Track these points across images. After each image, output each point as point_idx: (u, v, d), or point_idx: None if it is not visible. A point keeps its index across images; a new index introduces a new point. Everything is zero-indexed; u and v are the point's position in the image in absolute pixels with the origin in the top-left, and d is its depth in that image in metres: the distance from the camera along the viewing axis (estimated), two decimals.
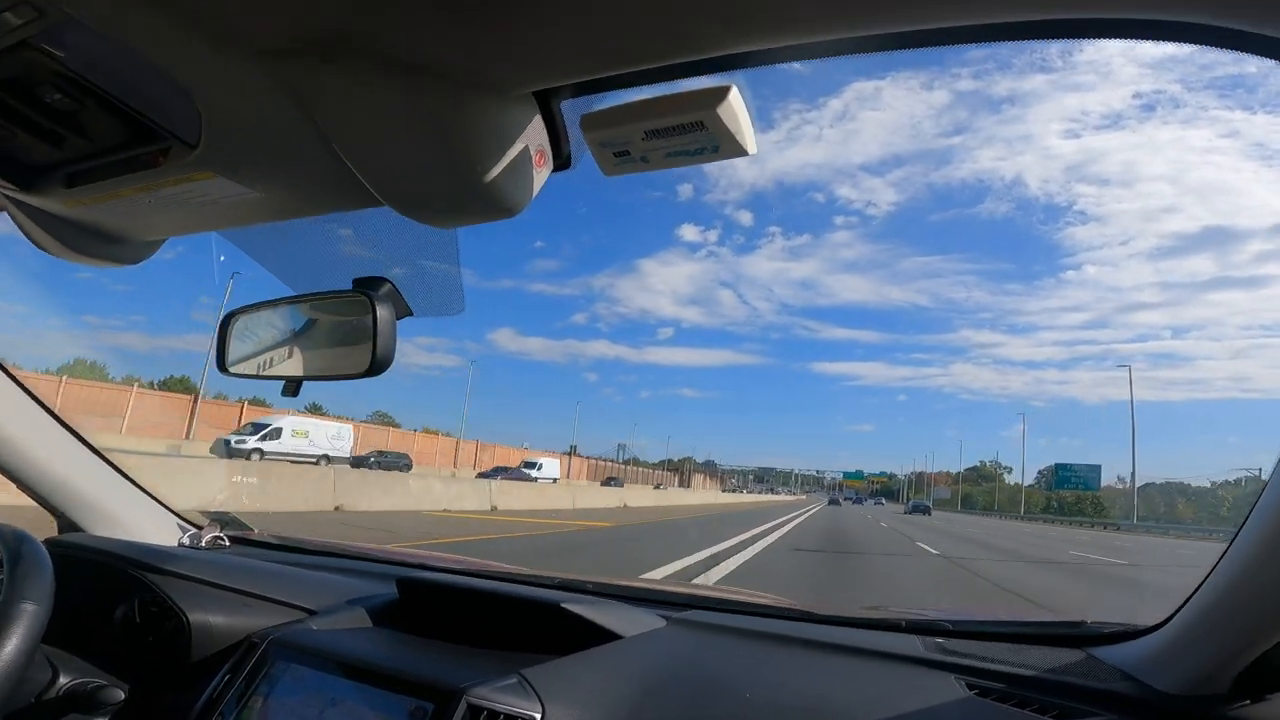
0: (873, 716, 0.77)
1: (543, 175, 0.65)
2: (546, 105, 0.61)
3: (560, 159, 0.65)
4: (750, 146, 0.57)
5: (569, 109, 0.62)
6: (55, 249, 0.86)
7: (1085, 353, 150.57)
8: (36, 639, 0.77)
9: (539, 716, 0.76)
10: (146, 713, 0.99)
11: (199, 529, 1.42)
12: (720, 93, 0.54)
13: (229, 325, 0.97)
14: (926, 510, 50.94)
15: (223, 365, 0.96)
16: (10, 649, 0.74)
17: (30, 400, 1.18)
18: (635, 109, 0.57)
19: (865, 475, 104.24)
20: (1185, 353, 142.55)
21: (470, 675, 0.80)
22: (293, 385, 0.88)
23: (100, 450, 1.31)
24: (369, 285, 0.81)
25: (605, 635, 0.93)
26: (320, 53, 0.54)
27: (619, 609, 1.02)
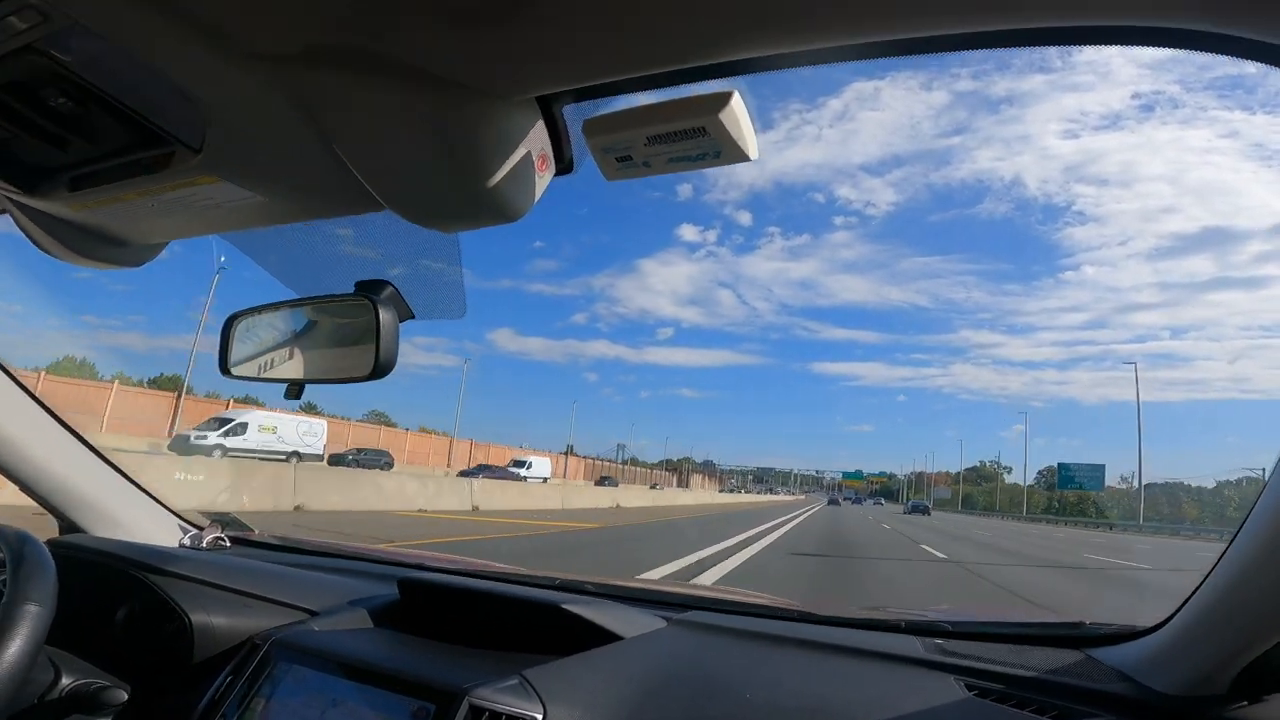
0: (873, 717, 0.77)
1: (545, 180, 0.65)
2: (549, 110, 0.61)
3: (563, 164, 0.66)
4: (752, 152, 0.57)
5: (571, 114, 0.62)
6: (58, 251, 0.86)
7: (1084, 353, 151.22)
8: (40, 640, 0.77)
9: (540, 717, 0.76)
10: (149, 714, 0.99)
11: (200, 530, 1.42)
12: (723, 98, 0.54)
13: (231, 327, 0.96)
14: (926, 510, 51.08)
15: (225, 367, 0.96)
16: (14, 650, 0.74)
17: (31, 401, 1.19)
18: (638, 114, 0.57)
19: (865, 475, 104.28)
20: (1184, 353, 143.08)
21: (471, 676, 0.80)
22: (295, 388, 0.88)
23: (101, 451, 1.31)
24: (371, 288, 0.82)
25: (606, 636, 0.94)
26: (324, 58, 0.54)
27: (619, 610, 1.02)
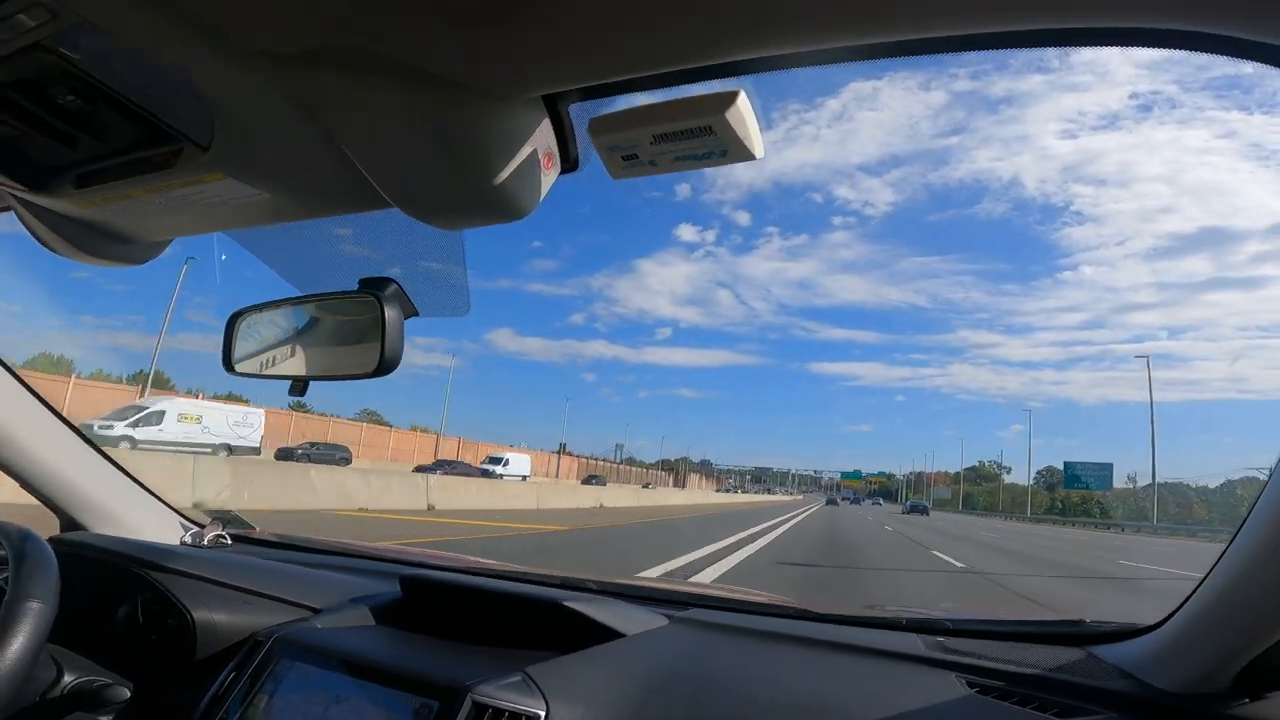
0: (874, 714, 0.78)
1: (550, 178, 0.65)
2: (554, 109, 0.61)
3: (568, 162, 0.66)
4: (758, 151, 0.57)
5: (577, 112, 0.62)
6: (62, 249, 0.86)
7: (1082, 353, 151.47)
8: (43, 637, 0.77)
9: (543, 714, 0.76)
10: (151, 711, 0.99)
11: (201, 528, 1.42)
12: (729, 97, 0.54)
13: (234, 325, 0.96)
14: (924, 510, 51.16)
15: (229, 365, 0.96)
16: (17, 647, 0.74)
17: (33, 399, 1.19)
18: (644, 113, 0.58)
19: (863, 475, 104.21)
20: (1182, 353, 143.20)
21: (474, 673, 0.80)
22: (299, 385, 0.88)
23: (103, 449, 1.31)
24: (375, 285, 0.82)
25: (607, 634, 0.94)
26: (331, 57, 0.54)
27: (621, 607, 1.02)
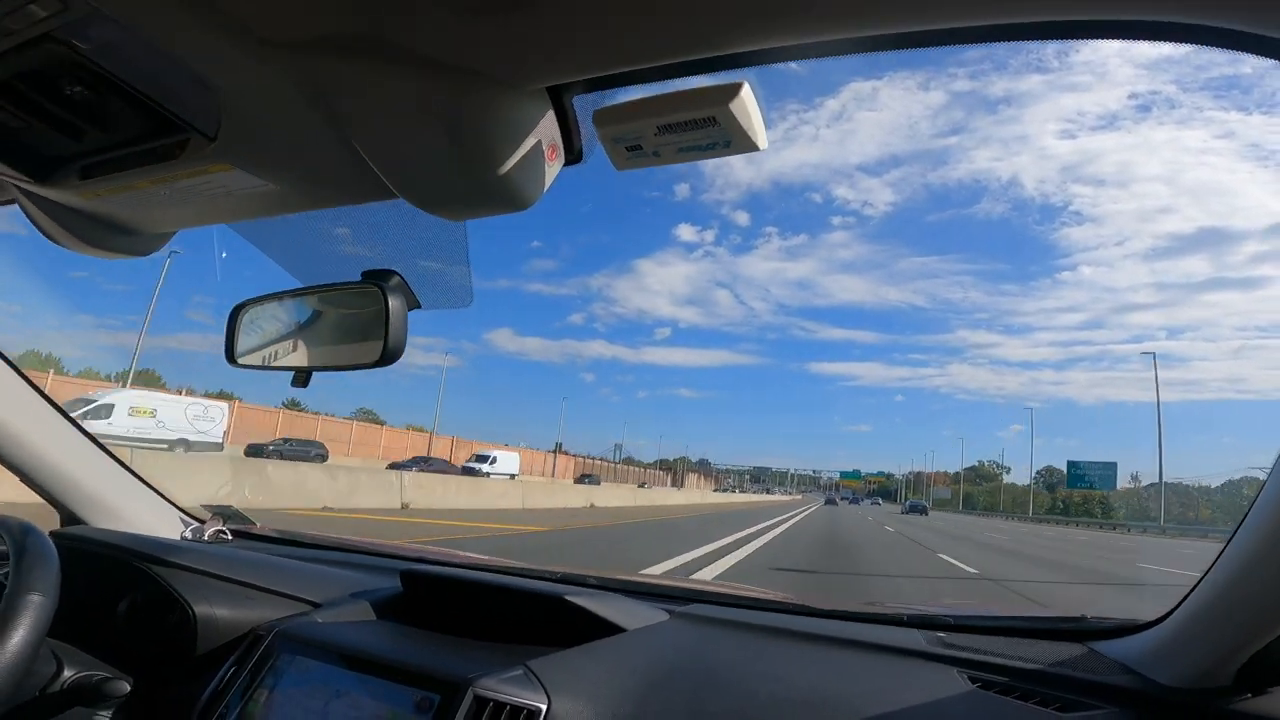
0: (876, 709, 0.78)
1: (554, 169, 0.66)
2: (559, 100, 0.61)
3: (572, 153, 0.66)
4: (762, 142, 0.57)
5: (581, 104, 0.63)
6: (66, 240, 0.86)
7: (1081, 353, 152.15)
8: (43, 631, 0.77)
9: (545, 707, 0.76)
10: (152, 705, 0.99)
11: (201, 523, 1.42)
12: (733, 89, 0.54)
13: (237, 317, 0.96)
14: (924, 510, 51.24)
15: (231, 357, 0.96)
16: (17, 641, 0.73)
17: (34, 393, 1.18)
18: (648, 104, 0.58)
19: (862, 475, 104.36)
20: (1181, 353, 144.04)
21: (476, 667, 0.80)
22: (302, 376, 0.88)
23: (103, 443, 1.31)
24: (378, 277, 0.82)
25: (609, 628, 0.94)
26: (338, 46, 0.54)
27: (622, 602, 1.02)
